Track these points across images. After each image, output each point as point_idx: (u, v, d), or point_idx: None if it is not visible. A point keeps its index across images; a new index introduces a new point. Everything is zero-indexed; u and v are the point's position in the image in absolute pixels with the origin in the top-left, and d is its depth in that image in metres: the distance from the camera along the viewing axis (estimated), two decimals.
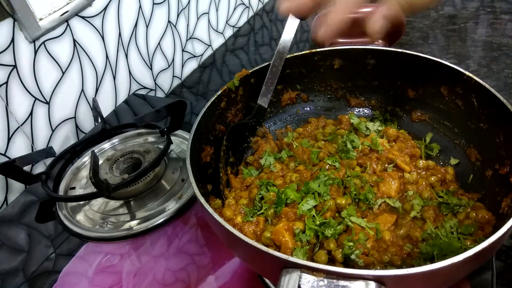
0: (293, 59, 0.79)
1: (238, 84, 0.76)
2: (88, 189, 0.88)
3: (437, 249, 0.55)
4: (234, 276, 0.68)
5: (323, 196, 0.62)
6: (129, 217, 0.81)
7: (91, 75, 1.05)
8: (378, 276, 0.41)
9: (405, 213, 0.62)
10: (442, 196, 0.64)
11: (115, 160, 0.89)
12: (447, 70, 0.69)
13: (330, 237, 0.57)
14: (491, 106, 0.63)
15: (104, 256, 0.76)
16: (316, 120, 0.83)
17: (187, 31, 1.32)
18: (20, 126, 0.92)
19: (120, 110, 1.14)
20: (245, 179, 0.72)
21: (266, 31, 1.54)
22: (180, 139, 0.98)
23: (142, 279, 0.70)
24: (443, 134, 0.74)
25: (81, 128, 1.07)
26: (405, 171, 0.67)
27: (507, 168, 0.59)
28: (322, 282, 0.42)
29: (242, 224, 0.62)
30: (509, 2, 1.42)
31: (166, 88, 1.30)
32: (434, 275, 0.43)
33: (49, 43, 0.93)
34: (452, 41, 1.26)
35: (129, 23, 1.11)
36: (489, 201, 0.61)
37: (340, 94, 0.85)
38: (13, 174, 0.83)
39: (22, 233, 0.82)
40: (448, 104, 0.72)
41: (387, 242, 0.58)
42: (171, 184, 0.87)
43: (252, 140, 0.79)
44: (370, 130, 0.76)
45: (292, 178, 0.68)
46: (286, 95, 0.84)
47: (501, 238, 0.45)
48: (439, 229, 0.58)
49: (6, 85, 0.87)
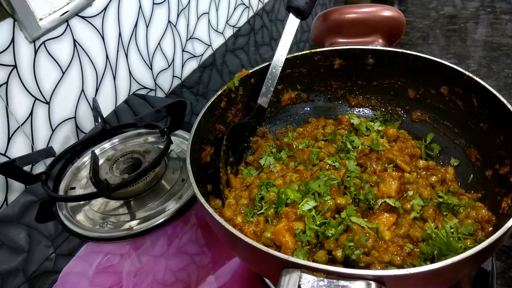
0: (293, 59, 0.80)
1: (238, 84, 0.76)
2: (88, 189, 0.88)
3: (437, 249, 0.55)
4: (234, 276, 0.68)
5: (323, 196, 0.62)
6: (129, 217, 0.81)
7: (91, 75, 1.05)
8: (378, 276, 0.41)
9: (405, 213, 0.62)
10: (442, 196, 0.64)
11: (115, 160, 0.89)
12: (447, 70, 0.69)
13: (330, 237, 0.57)
14: (491, 106, 0.63)
15: (104, 256, 0.76)
16: (316, 120, 0.83)
17: (187, 31, 1.32)
18: (20, 126, 0.91)
19: (120, 110, 1.14)
20: (244, 179, 0.72)
21: (266, 31, 1.54)
22: (180, 139, 0.98)
23: (142, 279, 0.70)
24: (443, 134, 0.74)
25: (81, 128, 1.07)
26: (405, 171, 0.67)
27: (507, 168, 0.59)
28: (322, 282, 0.42)
29: (242, 224, 0.62)
30: (509, 2, 1.42)
31: (166, 88, 1.30)
32: (434, 275, 0.43)
33: (49, 43, 0.93)
34: (452, 41, 1.26)
35: (129, 23, 1.11)
36: (489, 201, 0.61)
37: (340, 94, 0.85)
38: (13, 174, 0.83)
39: (22, 233, 0.82)
40: (448, 104, 0.72)
41: (387, 242, 0.58)
42: (171, 184, 0.87)
43: (252, 140, 0.79)
44: (371, 130, 0.76)
45: (292, 178, 0.68)
46: (286, 95, 0.84)
47: (501, 238, 0.45)
48: (439, 229, 0.58)
49: (6, 85, 0.87)
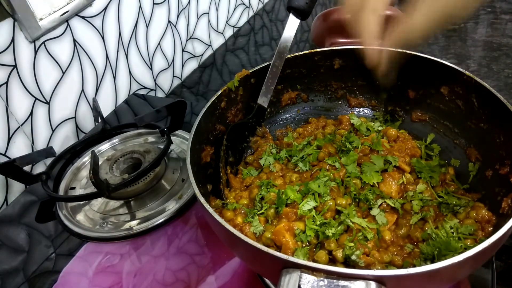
0: (293, 59, 0.79)
1: (238, 84, 0.76)
2: (88, 189, 0.88)
3: (437, 249, 0.55)
4: (234, 276, 0.68)
5: (323, 196, 0.62)
6: (129, 217, 0.81)
7: (91, 75, 1.05)
8: (379, 276, 0.41)
9: (405, 213, 0.62)
10: (442, 196, 0.64)
11: (115, 160, 0.89)
12: (447, 70, 0.69)
13: (331, 237, 0.57)
14: (491, 106, 0.63)
15: (104, 256, 0.76)
16: (316, 120, 0.83)
17: (187, 31, 1.32)
18: (20, 126, 0.91)
19: (120, 110, 1.14)
20: (244, 179, 0.72)
21: (266, 31, 1.54)
22: (180, 139, 0.98)
23: (142, 279, 0.70)
24: (443, 134, 0.74)
25: (81, 128, 1.07)
26: (405, 171, 0.67)
27: (507, 168, 0.59)
28: (322, 282, 0.42)
29: (242, 225, 0.62)
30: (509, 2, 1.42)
31: (166, 88, 1.30)
32: (434, 275, 0.43)
33: (49, 43, 0.93)
34: (452, 41, 1.26)
35: (129, 23, 1.11)
36: (489, 201, 0.61)
37: (340, 94, 0.85)
38: (13, 174, 0.83)
39: (22, 233, 0.82)
40: (448, 104, 0.72)
41: (387, 242, 0.58)
42: (171, 184, 0.87)
43: (251, 139, 0.79)
44: (371, 131, 0.76)
45: (292, 178, 0.68)
46: (286, 95, 0.84)
47: (501, 238, 0.45)
48: (439, 229, 0.58)
49: (6, 85, 0.87)
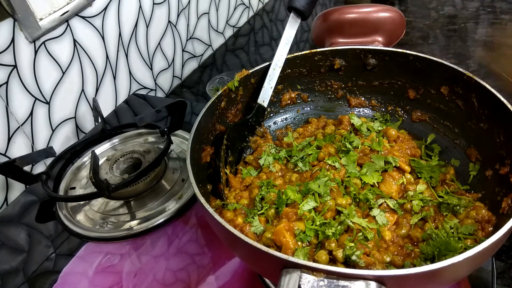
0: (293, 59, 0.79)
1: (238, 84, 0.76)
2: (88, 189, 0.88)
3: (437, 249, 0.55)
4: (234, 276, 0.68)
5: (323, 196, 0.62)
6: (129, 217, 0.81)
7: (91, 75, 1.05)
8: (379, 276, 0.41)
9: (405, 213, 0.62)
10: (442, 196, 0.64)
11: (115, 160, 0.89)
12: (447, 70, 0.69)
13: (331, 237, 0.57)
14: (491, 106, 0.63)
15: (104, 256, 0.76)
16: (316, 120, 0.83)
17: (187, 31, 1.32)
18: (20, 126, 0.91)
19: (120, 110, 1.14)
20: (244, 178, 0.72)
21: (266, 31, 1.54)
22: (180, 139, 0.98)
23: (142, 279, 0.70)
24: (443, 134, 0.74)
25: (81, 128, 1.07)
26: (405, 171, 0.67)
27: (507, 168, 0.59)
28: (322, 282, 0.42)
29: (242, 225, 0.62)
30: (509, 2, 1.42)
31: (166, 88, 1.30)
32: (435, 275, 0.43)
33: (49, 43, 0.93)
34: (452, 41, 1.26)
35: (129, 23, 1.11)
36: (489, 201, 0.61)
37: (340, 94, 0.85)
38: (13, 174, 0.83)
39: (22, 233, 0.82)
40: (448, 104, 0.72)
41: (387, 242, 0.58)
42: (171, 184, 0.87)
43: (251, 139, 0.79)
44: (371, 131, 0.76)
45: (292, 178, 0.68)
46: (286, 95, 0.84)
47: (501, 238, 0.45)
48: (439, 229, 0.58)
49: (6, 85, 0.87)
